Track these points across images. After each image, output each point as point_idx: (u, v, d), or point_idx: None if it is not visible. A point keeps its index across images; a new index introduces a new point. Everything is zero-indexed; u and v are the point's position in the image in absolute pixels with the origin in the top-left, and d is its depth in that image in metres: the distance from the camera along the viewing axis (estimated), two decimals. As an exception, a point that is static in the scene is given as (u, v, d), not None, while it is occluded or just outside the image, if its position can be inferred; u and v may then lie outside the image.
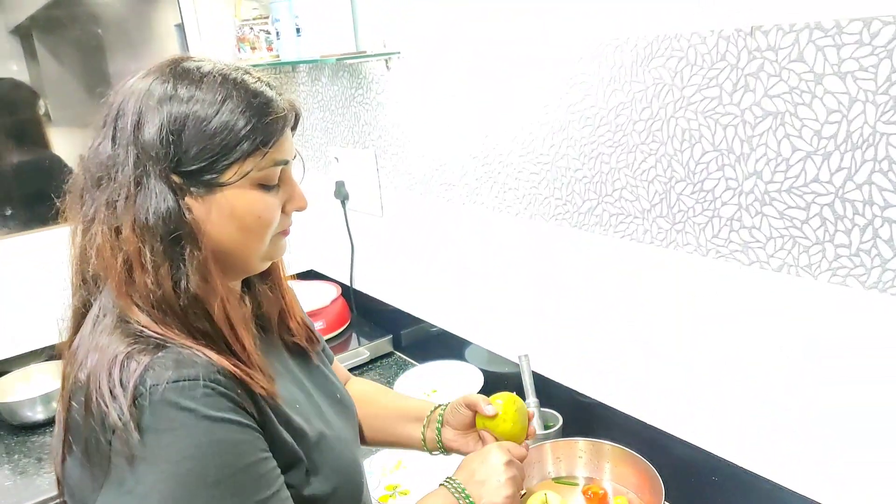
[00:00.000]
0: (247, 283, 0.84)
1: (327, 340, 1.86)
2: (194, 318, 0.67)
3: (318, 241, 2.15)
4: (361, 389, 1.08)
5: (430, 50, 1.45)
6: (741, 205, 0.96)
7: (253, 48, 1.88)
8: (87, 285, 0.71)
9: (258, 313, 0.84)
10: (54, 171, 1.77)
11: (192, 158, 0.67)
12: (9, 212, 1.74)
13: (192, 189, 0.68)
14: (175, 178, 0.67)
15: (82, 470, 0.64)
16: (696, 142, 0.99)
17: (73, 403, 0.64)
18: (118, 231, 0.66)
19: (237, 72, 0.71)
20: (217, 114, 0.67)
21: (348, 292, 2.01)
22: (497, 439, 0.93)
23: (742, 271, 0.98)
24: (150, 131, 0.66)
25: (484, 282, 1.50)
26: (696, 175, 1.01)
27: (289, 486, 0.69)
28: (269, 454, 0.67)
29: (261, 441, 0.67)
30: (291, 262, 2.22)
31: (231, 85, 0.68)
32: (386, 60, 1.58)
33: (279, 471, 0.68)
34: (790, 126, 0.88)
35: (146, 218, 0.66)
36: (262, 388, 0.68)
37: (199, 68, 0.70)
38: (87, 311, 0.70)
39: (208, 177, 0.68)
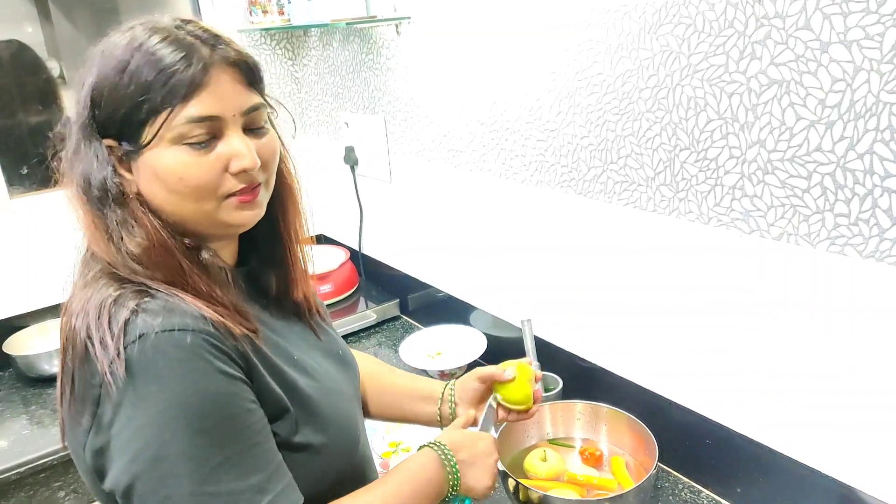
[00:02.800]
0: (245, 245, 0.83)
1: (335, 303, 1.91)
2: (152, 273, 0.68)
3: (327, 206, 2.17)
4: (366, 365, 1.08)
5: (439, 15, 1.45)
6: (744, 173, 0.97)
7: (264, 11, 1.88)
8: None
9: (258, 274, 0.83)
10: (55, 132, 1.80)
11: (111, 123, 0.67)
12: (25, 170, 1.78)
13: (122, 153, 0.69)
14: (108, 143, 0.68)
15: (75, 411, 0.66)
16: (702, 110, 1.00)
17: (67, 350, 0.66)
18: (79, 190, 0.69)
19: (164, 29, 0.67)
20: (122, 75, 0.65)
21: (356, 256, 2.04)
22: (508, 408, 0.97)
23: (742, 240, 0.99)
24: (84, 94, 0.68)
25: (489, 248, 1.51)
26: (701, 143, 1.02)
27: (277, 436, 0.70)
28: (257, 405, 0.68)
29: (248, 392, 0.68)
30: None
31: (145, 39, 0.66)
32: (396, 25, 1.58)
33: (266, 421, 0.69)
34: (795, 95, 0.88)
35: (80, 182, 0.68)
36: (240, 329, 0.68)
37: (131, 28, 0.68)
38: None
39: (129, 140, 0.68)
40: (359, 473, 0.85)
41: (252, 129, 0.72)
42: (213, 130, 0.68)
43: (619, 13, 1.07)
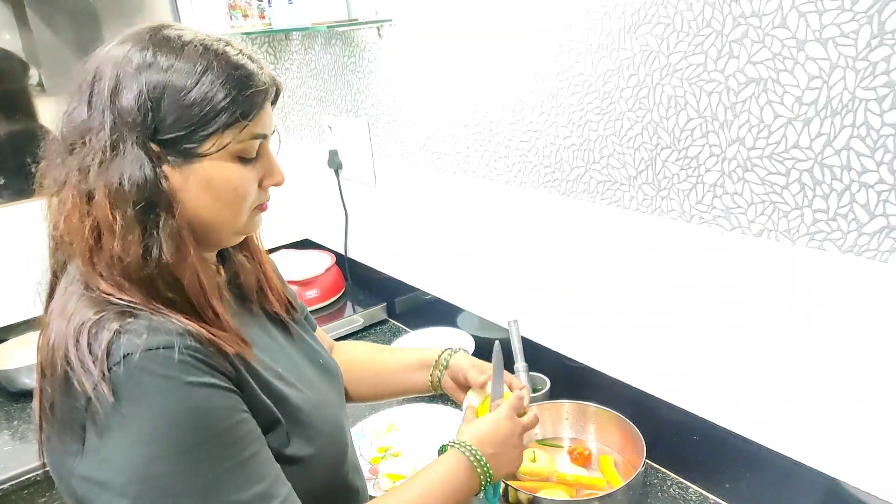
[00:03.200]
0: (222, 254, 0.84)
1: (322, 308, 1.90)
2: (163, 287, 0.67)
3: (312, 211, 2.16)
4: (359, 351, 1.11)
5: (421, 17, 1.45)
6: (724, 171, 0.98)
7: (245, 15, 1.87)
8: (58, 252, 0.71)
9: (237, 282, 0.84)
10: (40, 142, 1.78)
11: (170, 127, 0.66)
12: (1, 181, 1.75)
13: (169, 158, 0.67)
14: (153, 146, 0.67)
15: (59, 437, 0.64)
16: (682, 108, 1.00)
17: (45, 372, 0.64)
18: (90, 196, 0.65)
19: (218, 43, 0.70)
20: (197, 84, 0.66)
21: (342, 261, 2.03)
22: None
23: (724, 237, 1.00)
24: (128, 97, 0.65)
25: (475, 249, 1.51)
26: (682, 142, 1.02)
27: (271, 448, 0.70)
28: (249, 414, 0.68)
29: (239, 402, 0.67)
30: (286, 232, 2.24)
31: (212, 56, 0.67)
32: (378, 28, 1.58)
33: (260, 430, 0.69)
34: (772, 92, 0.89)
35: (120, 183, 0.65)
36: (233, 348, 0.68)
37: (180, 37, 0.68)
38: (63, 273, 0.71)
39: (186, 146, 0.67)
40: (347, 483, 0.85)
41: None
42: (259, 148, 0.73)
43: (599, 13, 1.07)
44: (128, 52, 0.67)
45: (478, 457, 0.82)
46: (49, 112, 1.82)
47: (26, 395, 1.63)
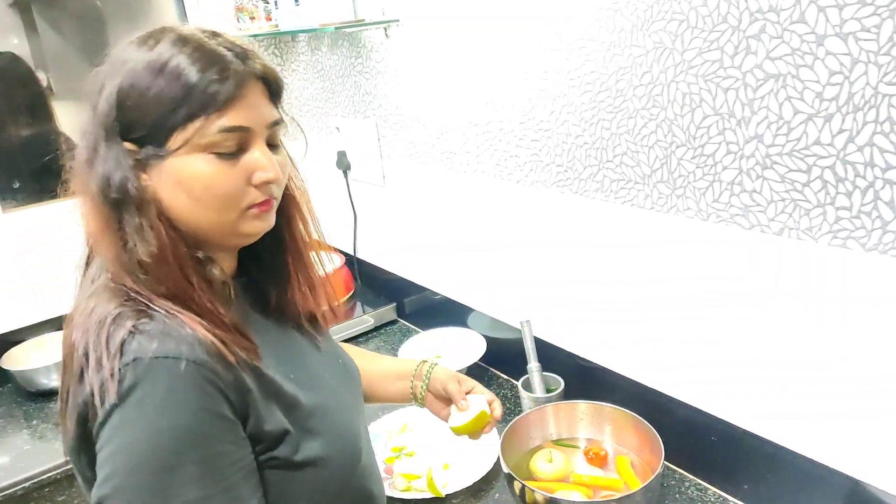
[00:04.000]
0: (256, 260, 0.82)
1: (332, 309, 1.89)
2: (156, 284, 0.67)
3: (321, 211, 2.15)
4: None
5: (428, 17, 1.43)
6: (742, 169, 0.96)
7: (252, 18, 1.87)
8: (90, 248, 0.74)
9: (257, 286, 0.83)
10: (58, 144, 1.78)
11: (136, 126, 0.66)
12: (17, 184, 1.76)
13: (141, 157, 0.67)
14: (128, 146, 0.67)
15: (75, 427, 0.66)
16: (697, 106, 0.99)
17: (66, 360, 0.66)
18: (90, 196, 0.68)
19: (201, 35, 0.68)
20: (157, 79, 0.65)
21: (352, 261, 2.02)
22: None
23: (742, 235, 0.99)
24: (105, 99, 0.66)
25: (486, 249, 1.50)
26: (697, 140, 1.01)
27: (279, 459, 0.70)
28: (236, 446, 0.66)
29: (229, 433, 0.65)
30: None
31: (179, 49, 0.66)
32: (385, 28, 1.57)
33: (246, 462, 0.67)
34: (792, 88, 0.88)
35: (98, 184, 0.66)
36: (240, 354, 0.68)
37: (160, 36, 0.68)
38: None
39: (153, 144, 0.67)
40: (361, 486, 0.84)
41: (271, 144, 0.73)
42: (241, 142, 0.69)
43: (611, 10, 1.06)
44: (119, 54, 0.68)
45: None
46: (58, 116, 1.82)
47: (44, 395, 1.64)
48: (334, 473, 0.77)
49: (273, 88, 0.73)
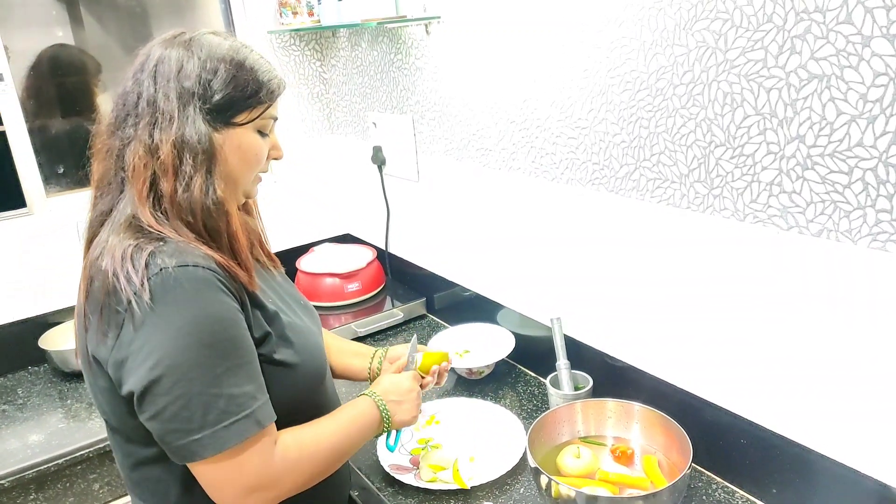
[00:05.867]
0: None
1: (362, 302, 1.94)
2: (211, 219, 0.86)
3: (354, 206, 2.19)
4: None
5: (470, 14, 1.45)
6: (782, 169, 0.96)
7: (294, 13, 1.90)
8: (111, 193, 0.88)
9: None
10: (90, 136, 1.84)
11: (219, 98, 0.86)
12: (61, 170, 1.81)
13: (214, 123, 0.87)
14: (205, 111, 0.86)
15: (99, 335, 0.82)
16: (738, 105, 0.99)
17: (94, 283, 0.82)
18: (156, 148, 0.84)
19: (245, 48, 0.91)
20: (239, 69, 0.88)
21: (383, 256, 2.05)
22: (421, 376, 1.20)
23: (780, 236, 0.99)
24: (191, 77, 0.86)
25: (518, 246, 1.51)
26: (737, 139, 1.01)
27: (263, 355, 0.89)
28: (247, 331, 0.86)
29: (243, 321, 0.85)
30: (328, 226, 2.28)
31: (246, 50, 0.90)
32: (426, 25, 1.59)
33: (254, 345, 0.87)
34: (835, 89, 0.87)
35: (182, 138, 0.84)
36: (245, 279, 0.88)
37: (213, 36, 0.89)
38: (110, 215, 0.88)
39: (228, 115, 0.88)
40: (325, 402, 1.05)
41: None
42: (271, 127, 0.95)
43: (654, 10, 1.07)
44: (180, 46, 0.87)
45: (380, 402, 1.06)
46: (106, 104, 1.87)
47: (80, 375, 1.67)
48: (304, 380, 0.96)
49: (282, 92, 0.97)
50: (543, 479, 1.05)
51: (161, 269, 0.79)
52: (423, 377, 1.20)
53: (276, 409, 0.88)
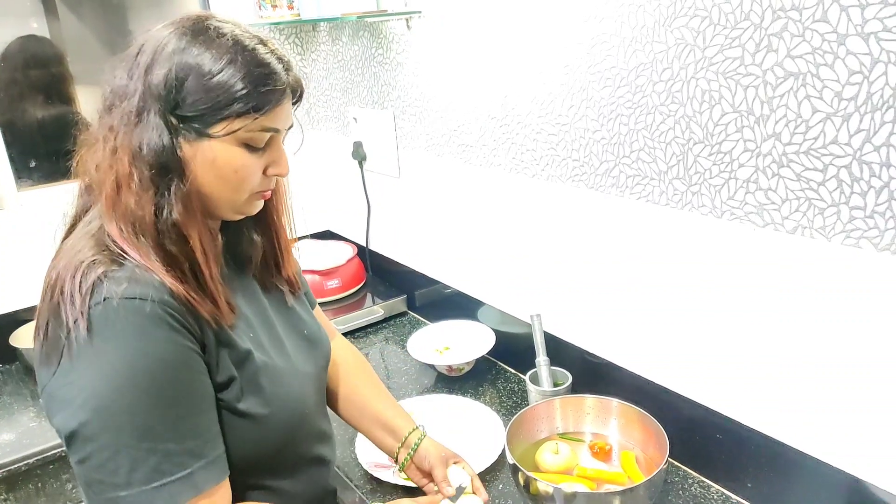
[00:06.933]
0: (231, 225, 0.90)
1: (342, 299, 1.91)
2: (169, 242, 0.75)
3: (334, 202, 2.17)
4: (344, 358, 1.15)
5: (451, 9, 1.45)
6: (758, 167, 0.97)
7: (274, 6, 1.88)
8: (87, 195, 0.81)
9: (236, 251, 0.92)
10: (75, 127, 1.80)
11: (189, 106, 0.74)
12: (33, 164, 1.78)
13: (184, 132, 0.75)
14: (172, 119, 0.74)
15: (46, 356, 0.72)
16: (716, 103, 1.00)
17: (47, 293, 0.74)
18: (115, 152, 0.74)
19: (252, 40, 0.77)
20: (219, 72, 0.73)
21: (364, 252, 2.04)
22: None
23: (756, 233, 0.99)
24: (159, 74, 0.73)
25: (498, 243, 1.51)
26: (715, 137, 1.01)
27: (223, 401, 0.78)
28: (205, 375, 0.76)
29: (198, 363, 0.75)
30: (308, 222, 2.25)
31: (240, 50, 0.75)
32: (407, 19, 1.58)
33: (211, 392, 0.77)
34: (811, 87, 0.88)
35: (140, 147, 0.73)
36: (209, 313, 0.77)
37: (218, 29, 0.76)
38: (84, 217, 0.80)
39: (199, 125, 0.75)
40: (307, 450, 0.94)
41: None
42: (270, 140, 0.80)
43: (634, 6, 1.07)
44: (168, 34, 0.75)
45: None
46: (75, 100, 1.84)
47: (50, 374, 1.65)
48: (273, 433, 0.85)
49: (298, 98, 0.83)
50: (522, 476, 1.05)
51: (105, 299, 0.69)
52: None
53: (240, 463, 0.79)
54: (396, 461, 1.10)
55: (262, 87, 0.75)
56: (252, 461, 0.82)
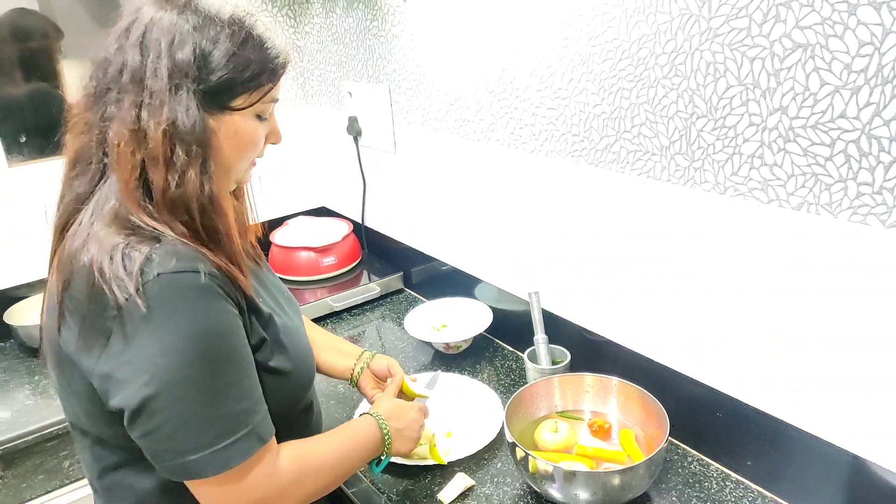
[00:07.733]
0: None
1: (338, 276, 1.91)
2: (204, 217, 0.78)
3: (330, 178, 2.14)
4: None
5: (448, -21, 1.41)
6: (763, 141, 0.95)
7: (266, -24, 1.83)
8: (89, 174, 0.79)
9: None
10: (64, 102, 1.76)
11: (214, 81, 0.77)
12: (23, 139, 1.74)
13: (209, 107, 0.78)
14: (199, 95, 0.77)
15: (80, 342, 0.74)
16: (721, 76, 0.97)
17: (73, 284, 0.74)
18: (144, 134, 0.74)
19: (250, 17, 0.81)
20: (239, 49, 0.78)
21: (360, 229, 2.01)
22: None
23: (760, 209, 0.97)
24: (185, 52, 0.75)
25: (496, 219, 1.49)
26: (719, 111, 0.99)
27: (258, 362, 0.83)
28: (246, 340, 0.81)
29: (242, 330, 0.80)
30: (303, 199, 2.22)
31: (249, 28, 0.80)
32: (402, -10, 1.54)
33: (252, 356, 0.81)
34: (820, 59, 0.86)
35: (178, 124, 0.75)
36: (243, 283, 0.81)
37: (219, 8, 0.79)
38: (88, 199, 0.79)
39: (223, 99, 0.79)
40: (311, 400, 1.02)
41: None
42: (271, 110, 0.87)
43: (637, -25, 1.03)
44: (175, 15, 0.77)
45: (384, 426, 1.00)
46: (64, 75, 1.80)
47: (46, 353, 1.64)
48: (296, 386, 0.92)
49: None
50: (520, 454, 1.04)
51: (158, 275, 0.71)
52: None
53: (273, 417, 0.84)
54: (352, 378, 1.19)
55: (273, 62, 0.81)
56: (279, 413, 0.86)
